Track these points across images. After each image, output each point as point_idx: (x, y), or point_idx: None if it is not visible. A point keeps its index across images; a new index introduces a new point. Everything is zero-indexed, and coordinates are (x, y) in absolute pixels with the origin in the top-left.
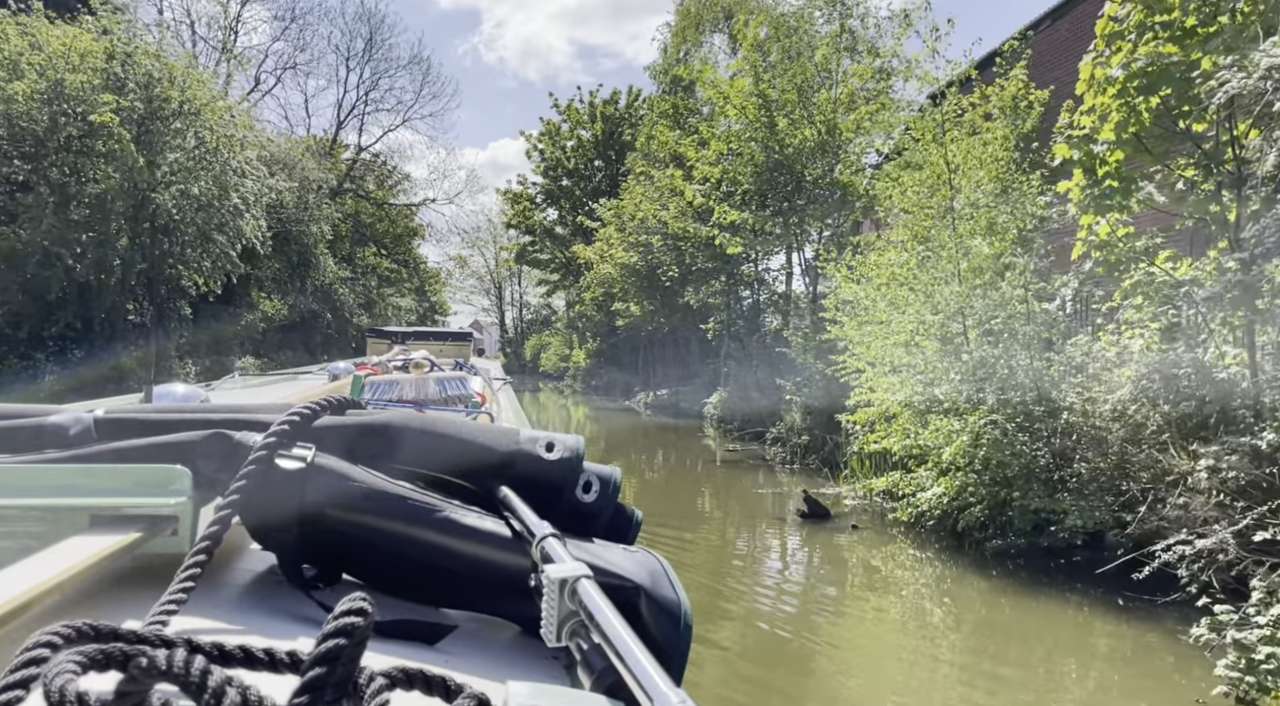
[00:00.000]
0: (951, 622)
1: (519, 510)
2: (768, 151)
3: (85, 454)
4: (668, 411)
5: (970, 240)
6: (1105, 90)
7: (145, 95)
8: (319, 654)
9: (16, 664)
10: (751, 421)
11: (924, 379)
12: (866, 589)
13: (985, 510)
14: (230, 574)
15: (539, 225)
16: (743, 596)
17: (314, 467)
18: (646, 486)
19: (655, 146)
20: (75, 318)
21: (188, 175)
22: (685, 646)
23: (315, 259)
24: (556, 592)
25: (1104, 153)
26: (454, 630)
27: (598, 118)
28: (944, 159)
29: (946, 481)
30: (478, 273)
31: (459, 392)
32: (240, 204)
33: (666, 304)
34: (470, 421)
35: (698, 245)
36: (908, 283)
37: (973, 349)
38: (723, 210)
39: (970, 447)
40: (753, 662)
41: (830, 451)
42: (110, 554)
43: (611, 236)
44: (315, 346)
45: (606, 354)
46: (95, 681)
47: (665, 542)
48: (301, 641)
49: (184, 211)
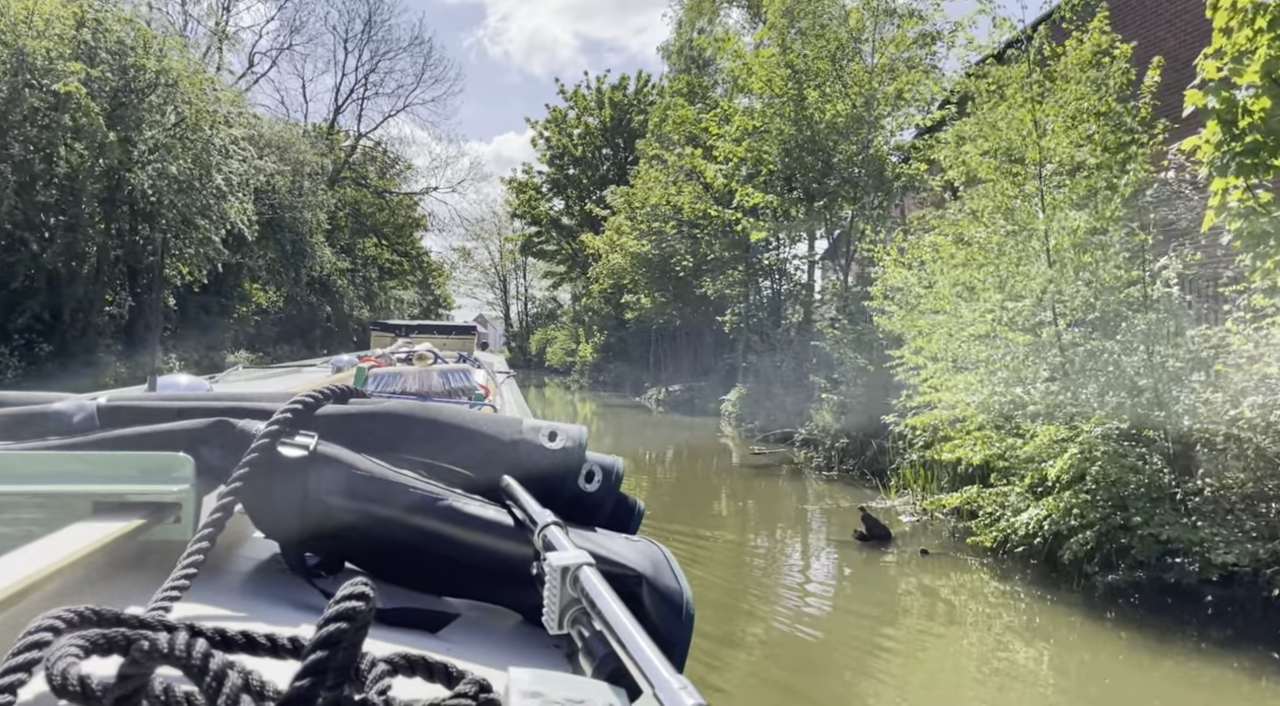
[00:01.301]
0: (1054, 673)
1: (521, 499)
2: (797, 126)
3: (89, 441)
4: (681, 408)
5: (1065, 211)
6: (1253, 20)
7: (118, 65)
8: (321, 637)
9: (19, 647)
10: (776, 421)
11: (1006, 378)
12: (947, 625)
13: (1095, 537)
14: (232, 561)
15: (545, 215)
16: (805, 649)
17: (317, 456)
18: (665, 495)
19: (670, 126)
20: (43, 308)
21: (166, 153)
22: (687, 635)
23: (310, 248)
24: (559, 580)
25: (1247, 100)
26: (456, 618)
27: (605, 104)
28: (1032, 116)
29: (1050, 502)
30: (482, 265)
31: (462, 385)
32: (224, 186)
33: (679, 295)
34: (473, 411)
35: (714, 233)
36: (989, 263)
37: (1069, 341)
38: (745, 192)
39: (1081, 461)
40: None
41: (873, 457)
42: (113, 540)
43: (622, 225)
44: (314, 340)
45: (615, 348)
46: (97, 665)
47: (695, 571)
48: (303, 628)
49: (162, 193)
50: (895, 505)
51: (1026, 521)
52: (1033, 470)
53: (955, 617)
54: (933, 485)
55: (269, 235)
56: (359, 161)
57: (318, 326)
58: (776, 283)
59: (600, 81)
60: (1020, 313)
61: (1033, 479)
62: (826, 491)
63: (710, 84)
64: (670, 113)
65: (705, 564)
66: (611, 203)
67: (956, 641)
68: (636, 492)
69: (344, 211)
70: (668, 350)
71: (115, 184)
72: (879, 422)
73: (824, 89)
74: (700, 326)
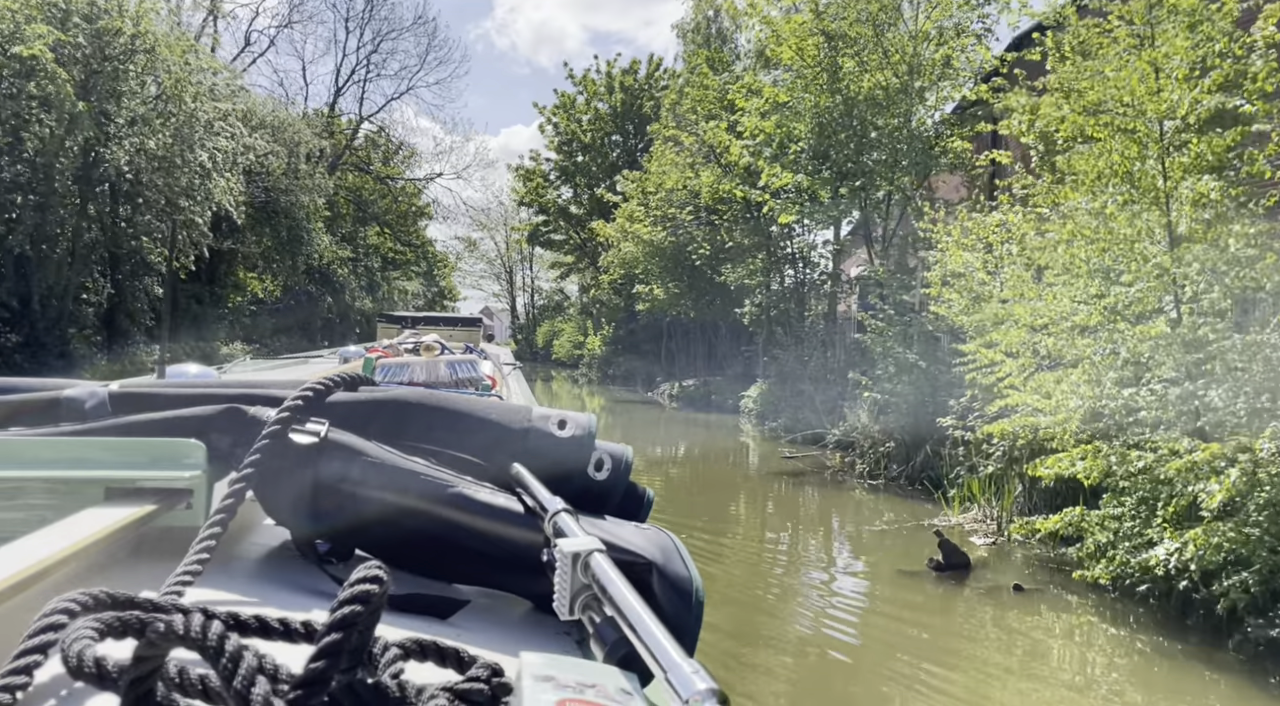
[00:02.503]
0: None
1: (531, 486)
2: (832, 95)
3: (100, 427)
4: (696, 404)
5: (1195, 176)
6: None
7: (90, 30)
8: (335, 620)
9: (35, 629)
10: (803, 420)
11: (1118, 377)
12: (1068, 687)
13: (1260, 580)
14: (243, 547)
15: (553, 203)
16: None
17: (327, 443)
18: (685, 502)
19: (689, 103)
20: (10, 296)
21: (144, 127)
22: (697, 622)
23: (308, 234)
24: (569, 566)
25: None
26: (466, 604)
27: (616, 89)
28: (1151, 62)
29: (1198, 534)
30: (487, 256)
31: (469, 375)
32: (209, 163)
33: (694, 286)
34: (482, 399)
35: (733, 219)
36: (1097, 240)
37: (1205, 335)
38: (773, 172)
39: (1247, 484)
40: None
41: (923, 463)
42: (125, 526)
43: (634, 211)
44: (314, 332)
45: (624, 341)
46: (113, 648)
47: (736, 611)
48: (315, 613)
49: (139, 170)
50: (963, 523)
51: (1163, 557)
52: (1175, 494)
53: (1073, 673)
54: (1006, 500)
55: (263, 220)
56: (361, 147)
57: (318, 318)
58: (800, 271)
59: (610, 65)
60: (1138, 298)
61: (1176, 506)
62: (874, 504)
63: (731, 59)
64: (690, 89)
65: (749, 593)
66: (623, 189)
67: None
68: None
69: (345, 198)
70: (680, 343)
71: (91, 161)
72: (930, 424)
73: (862, 57)
74: (715, 319)
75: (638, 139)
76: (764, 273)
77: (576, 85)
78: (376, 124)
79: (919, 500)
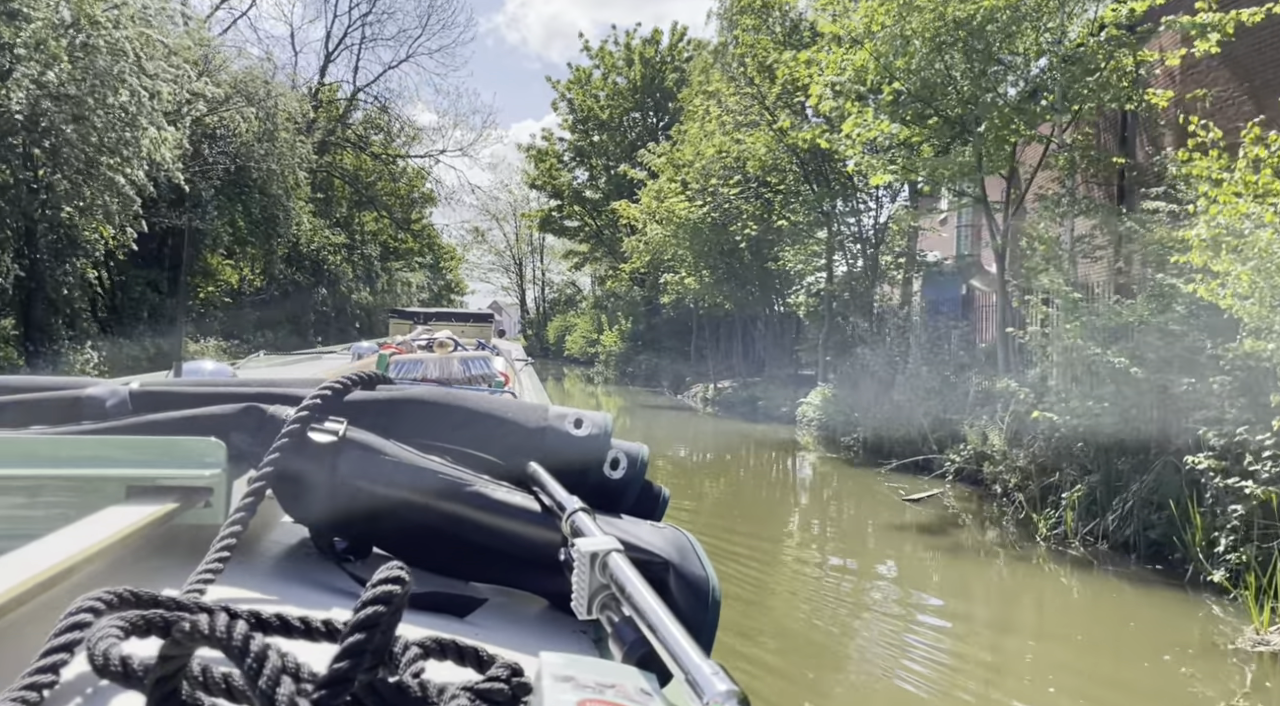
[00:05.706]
0: None
1: (548, 485)
2: (940, 17)
3: (121, 426)
4: (739, 411)
5: None
6: None
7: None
8: (359, 620)
9: (61, 627)
10: (894, 439)
11: None
12: None
13: None
14: (263, 545)
15: (567, 186)
16: None
17: (346, 441)
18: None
19: (739, 51)
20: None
21: (42, 54)
22: (713, 622)
23: (285, 211)
24: (587, 566)
25: None
26: (483, 603)
27: (636, 61)
28: None
29: None
30: (496, 247)
31: (483, 372)
32: (133, 107)
33: (733, 273)
34: (499, 398)
35: (789, 192)
36: None
37: None
38: (862, 119)
39: None
40: None
41: (1142, 517)
42: (146, 524)
43: (664, 187)
44: (306, 327)
45: (645, 337)
46: (137, 646)
47: None
48: (335, 612)
49: (40, 114)
50: (1257, 639)
51: None
52: None
53: None
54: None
55: (233, 196)
56: (356, 123)
57: (311, 311)
58: (874, 249)
59: (630, 36)
60: None
61: None
62: (1106, 602)
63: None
64: (740, 34)
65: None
66: (649, 163)
67: None
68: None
69: (341, 179)
70: (710, 339)
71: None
72: (1148, 458)
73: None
74: (753, 311)
75: (659, 116)
76: (825, 254)
77: (593, 58)
78: (375, 99)
79: (1169, 587)
